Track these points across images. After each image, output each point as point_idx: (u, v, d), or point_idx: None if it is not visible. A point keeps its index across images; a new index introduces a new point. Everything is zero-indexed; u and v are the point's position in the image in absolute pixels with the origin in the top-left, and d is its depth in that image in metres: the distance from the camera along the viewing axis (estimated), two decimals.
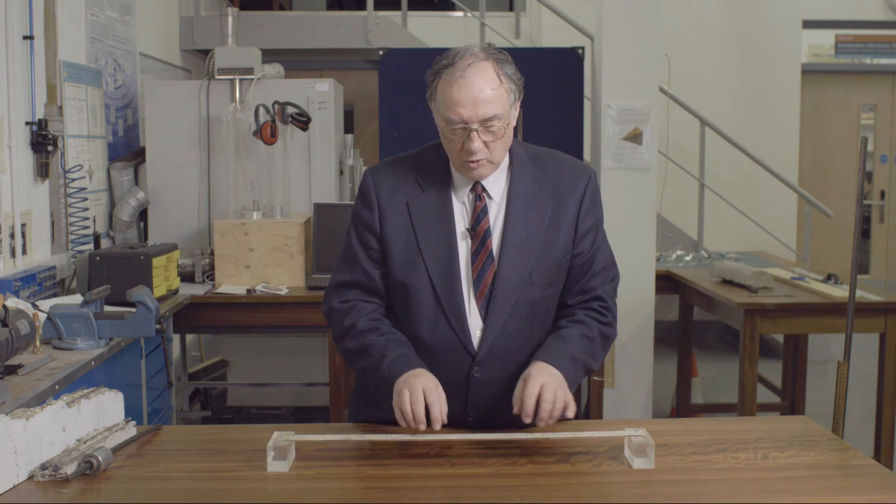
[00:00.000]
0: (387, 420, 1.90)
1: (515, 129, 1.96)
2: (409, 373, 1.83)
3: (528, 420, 1.78)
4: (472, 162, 1.85)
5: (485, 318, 1.90)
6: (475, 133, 1.82)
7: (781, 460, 1.75)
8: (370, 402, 2.03)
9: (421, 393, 1.76)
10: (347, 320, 1.96)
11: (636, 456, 1.71)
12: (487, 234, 1.92)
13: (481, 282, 1.90)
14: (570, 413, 1.80)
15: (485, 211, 1.93)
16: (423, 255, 1.91)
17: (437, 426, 1.76)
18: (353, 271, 1.99)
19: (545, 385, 1.78)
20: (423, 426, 1.76)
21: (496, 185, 1.94)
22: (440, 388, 1.81)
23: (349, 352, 1.96)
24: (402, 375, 1.82)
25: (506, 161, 1.96)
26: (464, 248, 1.92)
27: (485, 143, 1.84)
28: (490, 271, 1.90)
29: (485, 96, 1.81)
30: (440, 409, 1.77)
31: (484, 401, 1.93)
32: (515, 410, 1.80)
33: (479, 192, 1.93)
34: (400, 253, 1.93)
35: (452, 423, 1.91)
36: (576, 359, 1.90)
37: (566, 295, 2.00)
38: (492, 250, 1.91)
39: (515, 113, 1.90)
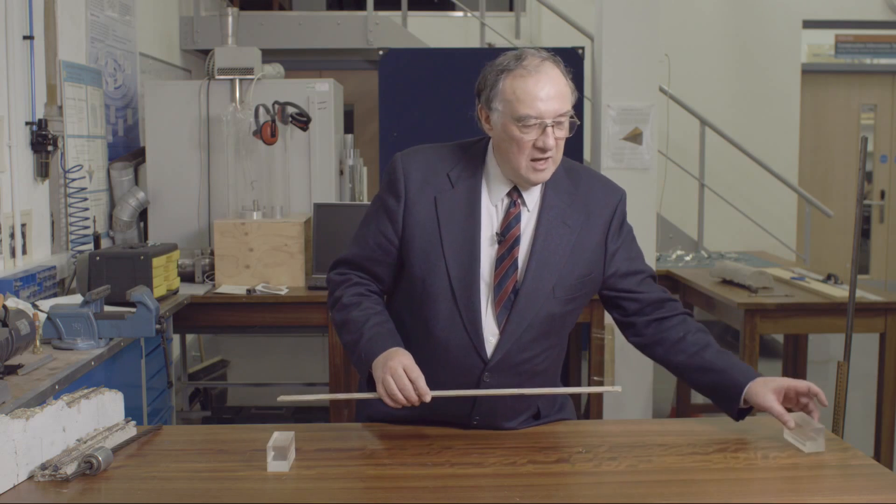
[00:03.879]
0: (396, 415, 1.91)
1: None
2: (384, 355, 1.83)
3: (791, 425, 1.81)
4: (542, 161, 1.83)
5: (503, 327, 1.89)
6: (550, 129, 1.80)
7: (781, 460, 1.75)
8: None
9: (403, 376, 1.77)
10: (338, 291, 1.99)
11: (807, 440, 1.77)
12: (516, 241, 1.89)
13: (502, 288, 1.88)
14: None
15: (517, 218, 1.90)
16: (444, 254, 1.88)
17: (427, 398, 1.78)
18: (360, 249, 1.99)
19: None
20: (417, 403, 1.78)
21: (532, 194, 1.92)
22: (414, 363, 1.82)
23: (335, 323, 1.99)
24: (378, 358, 1.84)
25: None
26: (489, 251, 1.90)
27: (555, 140, 1.82)
28: (512, 279, 1.88)
29: (557, 92, 1.81)
30: (424, 382, 1.78)
31: (491, 406, 1.92)
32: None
33: (514, 199, 1.91)
34: (422, 248, 1.91)
35: (457, 426, 1.91)
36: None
37: (644, 310, 1.98)
38: (517, 259, 1.89)
39: None
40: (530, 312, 1.88)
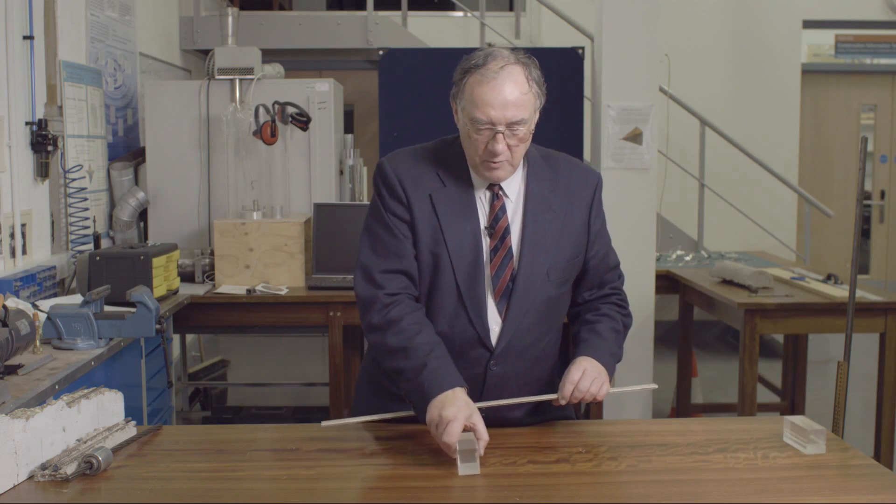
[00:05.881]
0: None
1: None
2: (444, 396, 1.76)
3: (563, 402, 1.89)
4: (494, 163, 1.87)
5: (504, 314, 1.93)
6: (500, 135, 1.83)
7: (781, 460, 1.75)
8: (381, 394, 2.02)
9: (454, 433, 1.70)
10: (394, 312, 1.88)
11: (808, 443, 1.77)
12: (506, 231, 1.93)
13: (500, 278, 1.93)
14: (600, 396, 1.90)
15: (503, 209, 1.94)
16: (448, 250, 1.91)
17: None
18: (401, 260, 1.92)
19: (587, 371, 1.88)
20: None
21: (511, 184, 1.96)
22: (477, 414, 1.75)
23: (388, 348, 1.87)
24: (437, 398, 1.76)
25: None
26: (483, 245, 1.94)
27: (508, 145, 1.85)
28: (508, 268, 1.93)
29: (514, 100, 1.82)
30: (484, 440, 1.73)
31: (499, 395, 1.95)
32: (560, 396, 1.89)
33: (496, 191, 1.95)
34: (426, 246, 1.92)
35: None
36: (614, 354, 2.00)
37: (584, 291, 2.07)
38: (511, 248, 1.93)
39: (536, 118, 1.91)
40: (529, 298, 1.93)
